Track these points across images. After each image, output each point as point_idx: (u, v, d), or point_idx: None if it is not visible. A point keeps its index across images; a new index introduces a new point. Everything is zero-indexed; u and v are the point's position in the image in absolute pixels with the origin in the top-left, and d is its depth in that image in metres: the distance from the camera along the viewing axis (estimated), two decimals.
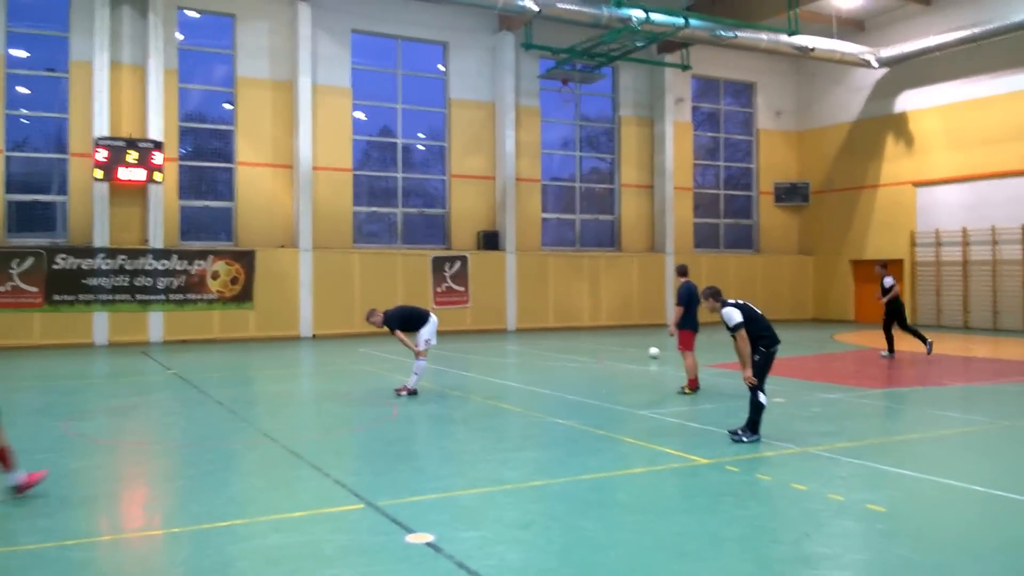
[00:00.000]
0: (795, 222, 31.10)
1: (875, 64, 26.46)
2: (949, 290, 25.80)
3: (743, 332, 8.12)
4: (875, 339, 21.52)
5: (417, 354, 11.41)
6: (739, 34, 23.77)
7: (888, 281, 17.00)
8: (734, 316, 8.13)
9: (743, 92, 30.85)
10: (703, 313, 10.30)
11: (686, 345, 11.63)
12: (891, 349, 16.71)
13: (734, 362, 15.48)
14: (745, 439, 8.20)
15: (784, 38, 24.19)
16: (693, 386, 11.57)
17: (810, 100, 30.62)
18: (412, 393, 11.43)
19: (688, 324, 11.63)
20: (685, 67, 25.90)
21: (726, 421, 9.09)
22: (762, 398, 8.23)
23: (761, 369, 8.25)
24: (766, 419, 8.48)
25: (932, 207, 26.25)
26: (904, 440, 8.85)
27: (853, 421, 9.75)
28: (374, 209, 24.66)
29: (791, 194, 30.54)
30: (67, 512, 6.13)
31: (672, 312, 16.64)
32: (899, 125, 27.23)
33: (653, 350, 15.68)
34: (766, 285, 29.34)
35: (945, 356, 17.09)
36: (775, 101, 30.79)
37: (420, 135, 25.57)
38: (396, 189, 24.91)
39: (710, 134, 30.28)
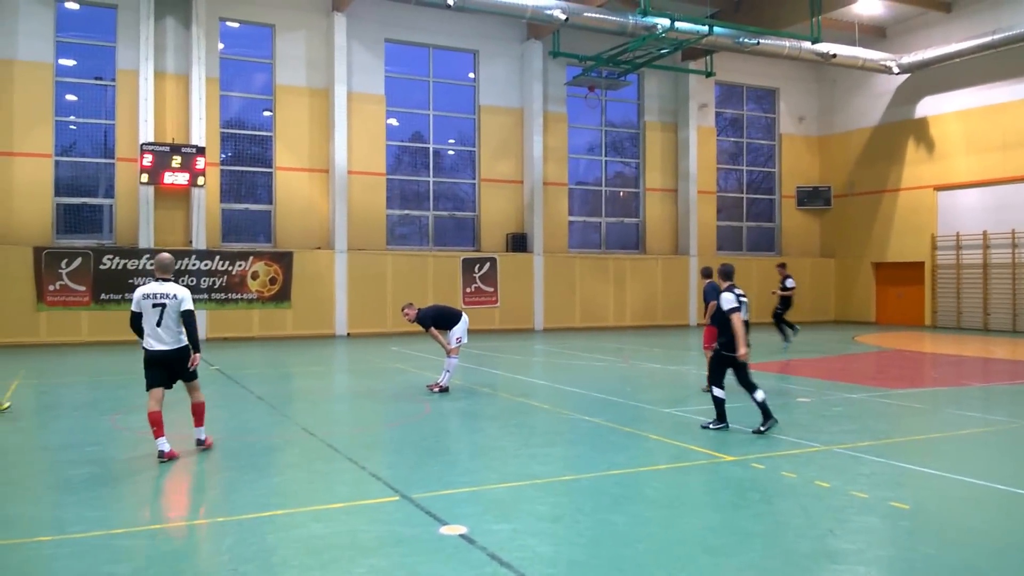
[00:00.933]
0: (817, 225, 31.18)
1: (896, 70, 26.53)
2: (969, 293, 25.81)
3: (738, 315, 8.79)
4: (898, 340, 21.66)
5: (449, 352, 11.86)
6: (762, 41, 23.97)
7: (791, 282, 18.62)
8: (730, 301, 8.83)
9: (766, 98, 30.99)
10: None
11: (711, 344, 11.94)
12: (787, 337, 18.73)
13: (758, 362, 15.78)
14: (712, 426, 8.98)
15: (807, 45, 24.34)
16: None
17: (832, 106, 30.69)
18: (444, 390, 11.86)
19: (714, 322, 11.92)
20: (709, 74, 26.15)
21: (751, 420, 9.25)
22: (717, 392, 8.99)
23: (723, 367, 8.96)
24: (791, 418, 8.70)
25: (953, 211, 26.27)
26: (926, 439, 8.94)
27: (875, 420, 9.88)
28: (406, 212, 25.19)
29: (813, 198, 30.65)
30: (115, 502, 6.38)
31: (696, 312, 16.88)
32: (920, 130, 27.25)
33: None
34: None
35: (966, 358, 17.17)
36: (797, 107, 30.90)
37: (450, 140, 26.05)
38: (427, 193, 25.41)
39: (733, 139, 30.46)
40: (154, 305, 7.66)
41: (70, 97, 21.34)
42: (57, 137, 21.01)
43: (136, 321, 7.76)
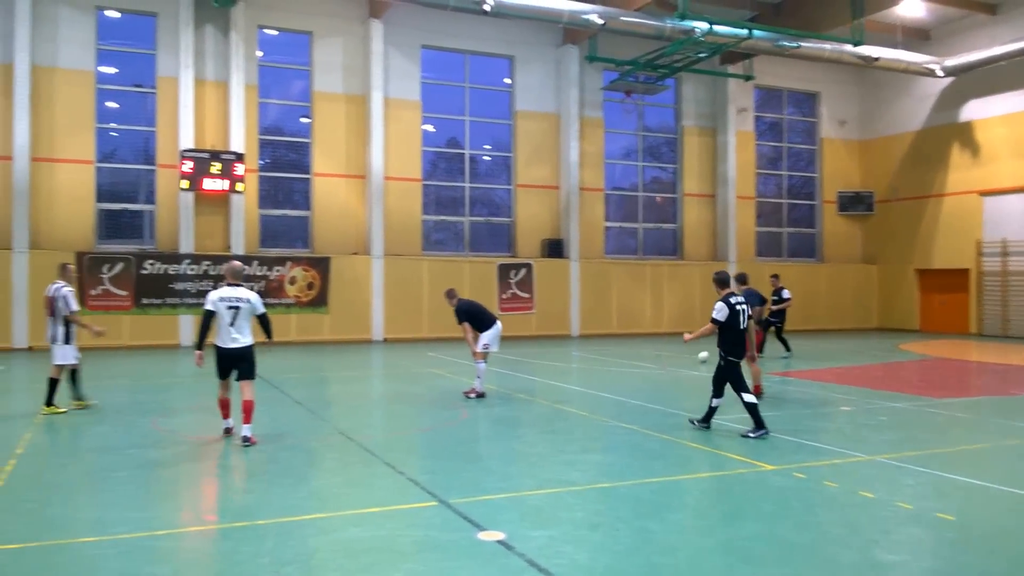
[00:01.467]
0: (859, 231, 30.67)
1: (940, 73, 26.01)
2: (1016, 300, 25.19)
3: (714, 325, 9.15)
4: (942, 348, 21.20)
5: (475, 356, 11.85)
6: (803, 44, 23.65)
7: (787, 293, 18.16)
8: (722, 313, 9.07)
9: (806, 102, 30.59)
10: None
11: (750, 349, 11.81)
12: (788, 348, 18.27)
13: (799, 370, 15.53)
14: (752, 435, 8.88)
15: (848, 48, 23.98)
16: (756, 392, 11.72)
17: (874, 109, 30.19)
18: (480, 396, 11.85)
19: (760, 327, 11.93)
20: (748, 77, 25.88)
21: (791, 428, 9.15)
22: (748, 398, 9.04)
23: (730, 376, 9.12)
24: (833, 427, 8.57)
25: (999, 216, 25.69)
26: (972, 449, 8.76)
27: (920, 430, 9.71)
28: (442, 218, 25.26)
29: (855, 203, 30.15)
30: (156, 503, 6.50)
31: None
32: (965, 134, 26.70)
33: (703, 354, 15.51)
34: (830, 294, 29.06)
35: (1012, 366, 16.77)
36: (839, 110, 30.45)
37: (486, 146, 26.08)
38: (463, 198, 25.46)
39: (773, 143, 30.11)
40: (229, 307, 8.66)
41: (111, 104, 21.75)
42: (99, 144, 21.42)
43: (207, 319, 8.70)
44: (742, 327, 9.23)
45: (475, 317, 11.95)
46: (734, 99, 27.96)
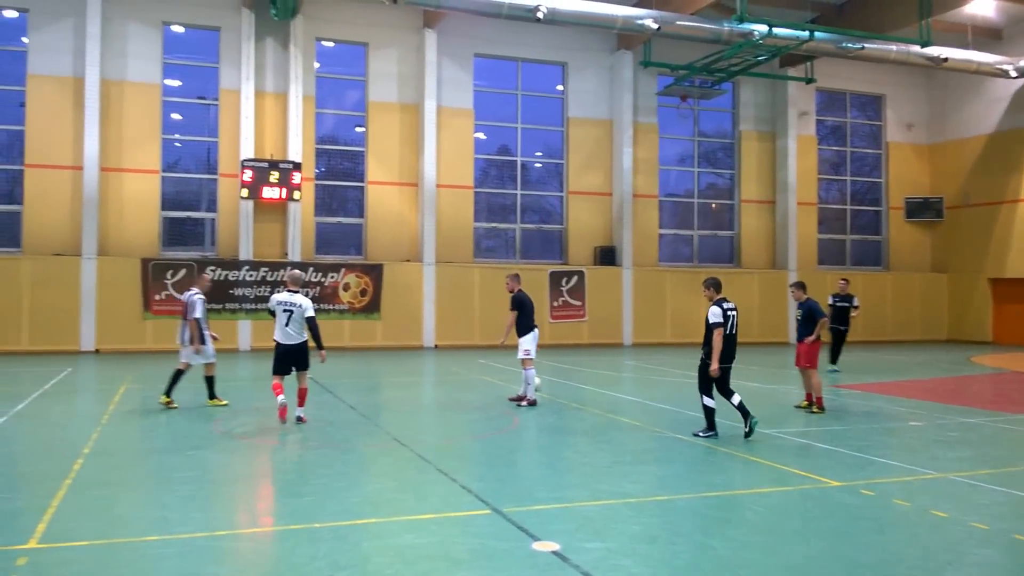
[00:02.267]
0: (927, 238, 29.75)
1: (1014, 74, 25.13)
2: None
3: (720, 331, 9.16)
4: (1017, 361, 20.40)
5: (524, 364, 11.82)
6: (867, 46, 23.12)
7: (857, 300, 17.26)
8: (717, 317, 9.21)
9: (871, 104, 29.86)
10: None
11: (812, 362, 11.53)
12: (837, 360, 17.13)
13: (865, 383, 15.08)
14: (701, 435, 9.29)
15: (915, 49, 23.34)
16: (819, 404, 11.47)
17: (943, 112, 29.30)
18: (532, 403, 11.77)
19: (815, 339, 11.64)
20: (809, 80, 25.38)
21: (858, 444, 8.89)
22: (708, 401, 9.32)
23: (711, 378, 9.24)
24: (902, 442, 8.31)
25: None
26: None
27: (995, 447, 9.32)
28: (493, 225, 25.29)
29: (923, 209, 29.27)
30: (216, 504, 6.59)
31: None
32: None
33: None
34: (897, 304, 28.23)
35: None
36: (906, 113, 29.64)
37: (537, 153, 26.06)
38: (515, 206, 25.46)
39: (835, 148, 29.45)
40: (284, 310, 9.96)
41: (175, 116, 22.35)
42: (164, 154, 22.03)
43: (273, 317, 10.13)
44: (730, 332, 9.34)
45: (526, 313, 11.95)
46: (794, 102, 27.42)
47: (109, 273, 20.65)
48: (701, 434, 9.38)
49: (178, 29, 22.19)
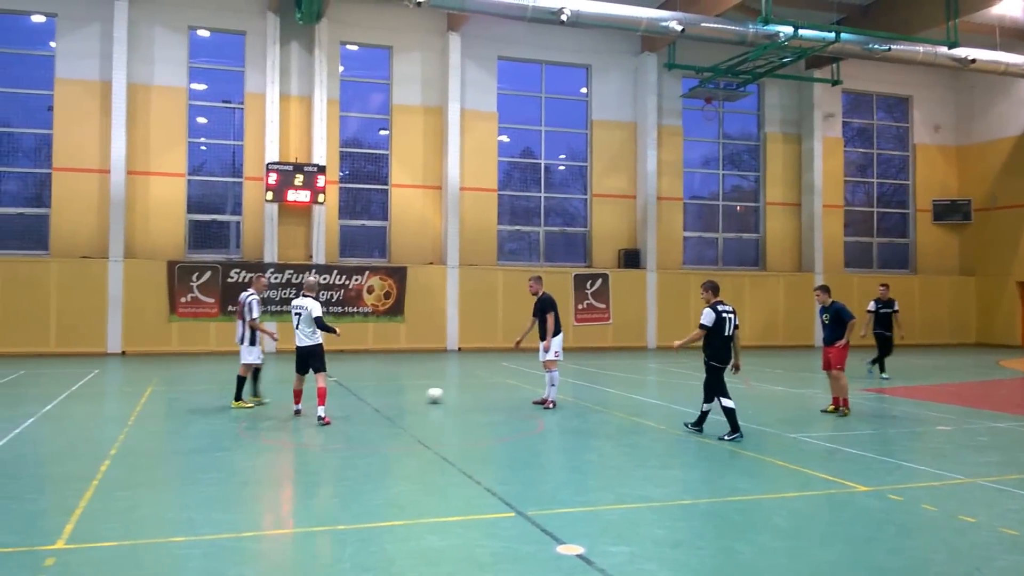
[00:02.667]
0: (955, 241, 29.38)
1: None
2: None
3: (703, 331, 9.53)
4: None
5: (548, 365, 11.81)
6: (894, 47, 22.86)
7: (896, 305, 16.99)
8: (709, 319, 9.49)
9: (897, 106, 29.56)
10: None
11: (842, 364, 11.42)
12: (876, 364, 16.74)
13: (892, 387, 14.91)
14: (727, 438, 9.37)
15: (942, 50, 23.06)
16: (845, 405, 11.40)
17: (971, 114, 28.94)
18: (553, 405, 11.84)
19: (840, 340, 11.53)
20: (835, 82, 25.18)
21: (885, 448, 8.83)
22: (726, 403, 9.49)
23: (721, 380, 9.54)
24: (931, 447, 8.22)
25: None
26: None
27: None
28: (517, 228, 25.29)
29: (951, 212, 28.91)
30: (242, 506, 6.63)
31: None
32: None
33: (434, 392, 12.66)
34: (924, 307, 27.89)
35: None
36: (933, 115, 29.30)
37: (561, 156, 26.04)
38: (538, 208, 25.45)
39: (862, 150, 29.17)
40: (295, 313, 10.62)
41: (201, 119, 22.57)
42: (189, 157, 22.24)
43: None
44: (727, 334, 9.57)
45: (555, 316, 11.96)
46: (820, 104, 27.20)
47: (135, 276, 20.88)
48: (727, 437, 9.40)
49: (204, 33, 22.41)
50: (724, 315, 9.61)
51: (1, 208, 21.04)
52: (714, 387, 9.59)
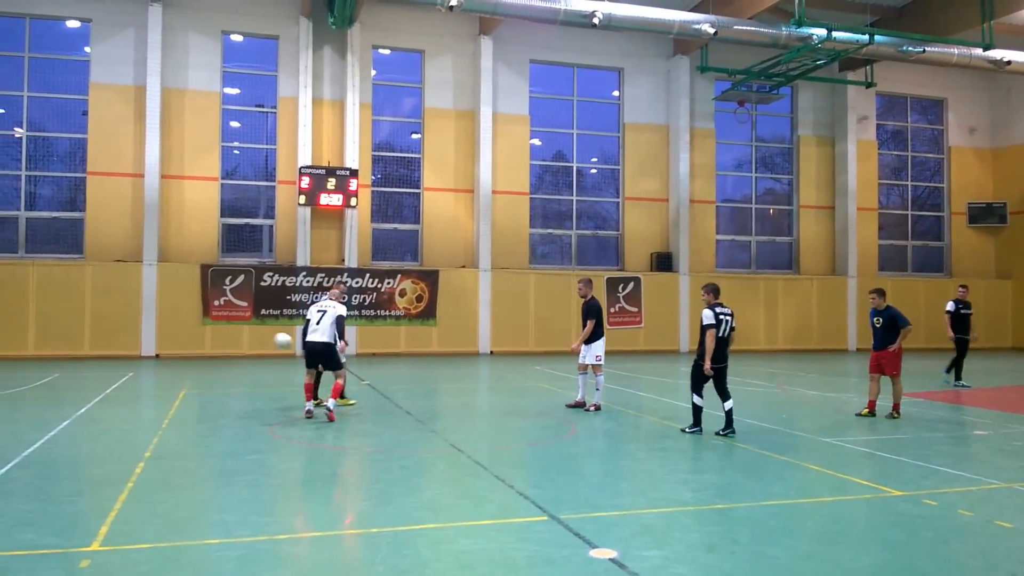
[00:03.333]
0: (991, 244, 28.90)
1: None
2: None
3: (712, 332, 9.65)
4: None
5: (596, 369, 11.90)
6: (928, 49, 22.57)
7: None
8: (708, 318, 9.69)
9: (932, 109, 29.16)
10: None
11: (898, 369, 11.35)
12: (952, 370, 16.04)
13: (928, 391, 14.69)
14: (687, 430, 9.90)
15: (977, 52, 22.72)
16: (896, 410, 11.30)
17: (1007, 116, 28.48)
18: (579, 405, 11.95)
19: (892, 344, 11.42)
20: (869, 84, 24.90)
21: (921, 452, 8.67)
22: (697, 400, 9.95)
23: (700, 378, 9.85)
24: (968, 452, 8.11)
25: None
26: None
27: None
28: (549, 231, 25.28)
29: (986, 215, 28.46)
30: (276, 508, 6.66)
31: (856, 336, 15.99)
32: None
33: (281, 337, 12.16)
34: None
35: None
36: (968, 117, 28.86)
37: (593, 159, 26.00)
38: (570, 212, 25.43)
39: (896, 153, 28.82)
40: (318, 311, 11.07)
41: (234, 124, 22.84)
42: (223, 161, 22.49)
43: (306, 326, 11.20)
44: (721, 335, 9.76)
45: (600, 320, 12.01)
46: (854, 107, 26.91)
47: (169, 279, 21.14)
48: (688, 430, 9.98)
49: (237, 38, 22.68)
50: (722, 316, 9.82)
51: (37, 212, 21.44)
52: (695, 382, 9.95)
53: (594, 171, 26.11)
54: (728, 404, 9.85)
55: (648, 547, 5.53)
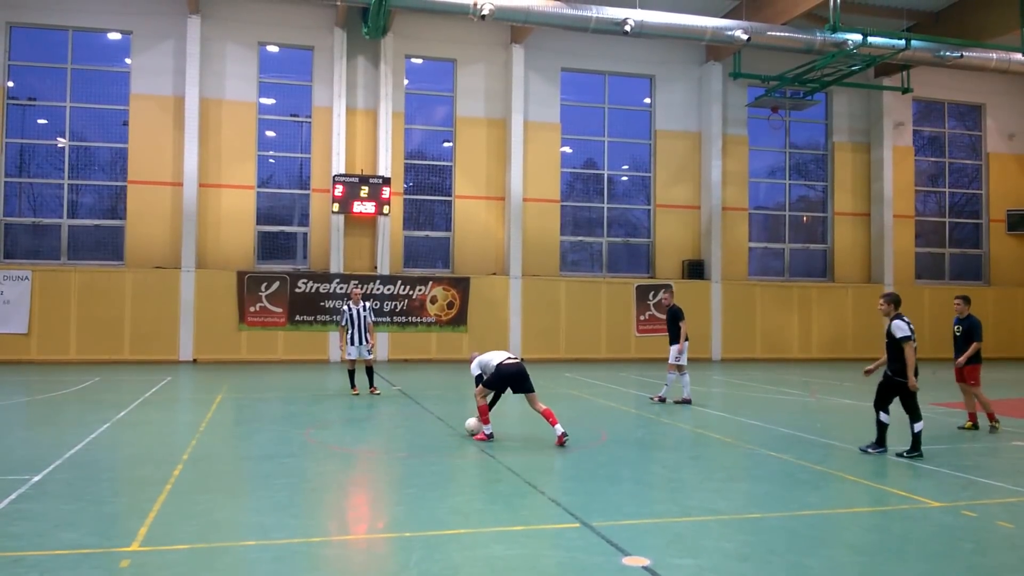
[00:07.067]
0: None
1: None
2: None
3: (911, 344, 8.99)
4: None
5: (681, 368, 13.42)
6: (966, 54, 22.26)
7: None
8: (904, 329, 9.07)
9: (969, 114, 28.69)
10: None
11: (978, 380, 11.20)
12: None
13: (959, 401, 14.45)
14: (871, 450, 9.29)
15: (1016, 56, 22.38)
16: (992, 419, 11.15)
17: None
18: (662, 400, 13.64)
19: (976, 358, 11.24)
20: (906, 90, 24.56)
21: (959, 463, 8.55)
22: (883, 417, 9.32)
23: (890, 393, 9.22)
24: (1006, 463, 7.99)
25: None
26: None
27: None
28: (580, 238, 25.26)
29: None
30: (311, 511, 6.73)
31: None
32: None
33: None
34: (998, 320, 26.88)
35: None
36: (1007, 123, 28.35)
37: (624, 167, 25.94)
38: (601, 219, 25.39)
39: (933, 159, 28.38)
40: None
41: (270, 133, 23.15)
42: (259, 170, 22.80)
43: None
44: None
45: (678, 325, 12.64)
46: (890, 113, 26.56)
47: (206, 285, 21.47)
48: (871, 449, 9.31)
49: (273, 49, 23.01)
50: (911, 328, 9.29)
51: (79, 220, 21.89)
52: (881, 399, 9.43)
53: (625, 178, 26.05)
54: (918, 426, 9.10)
55: (681, 555, 5.49)
